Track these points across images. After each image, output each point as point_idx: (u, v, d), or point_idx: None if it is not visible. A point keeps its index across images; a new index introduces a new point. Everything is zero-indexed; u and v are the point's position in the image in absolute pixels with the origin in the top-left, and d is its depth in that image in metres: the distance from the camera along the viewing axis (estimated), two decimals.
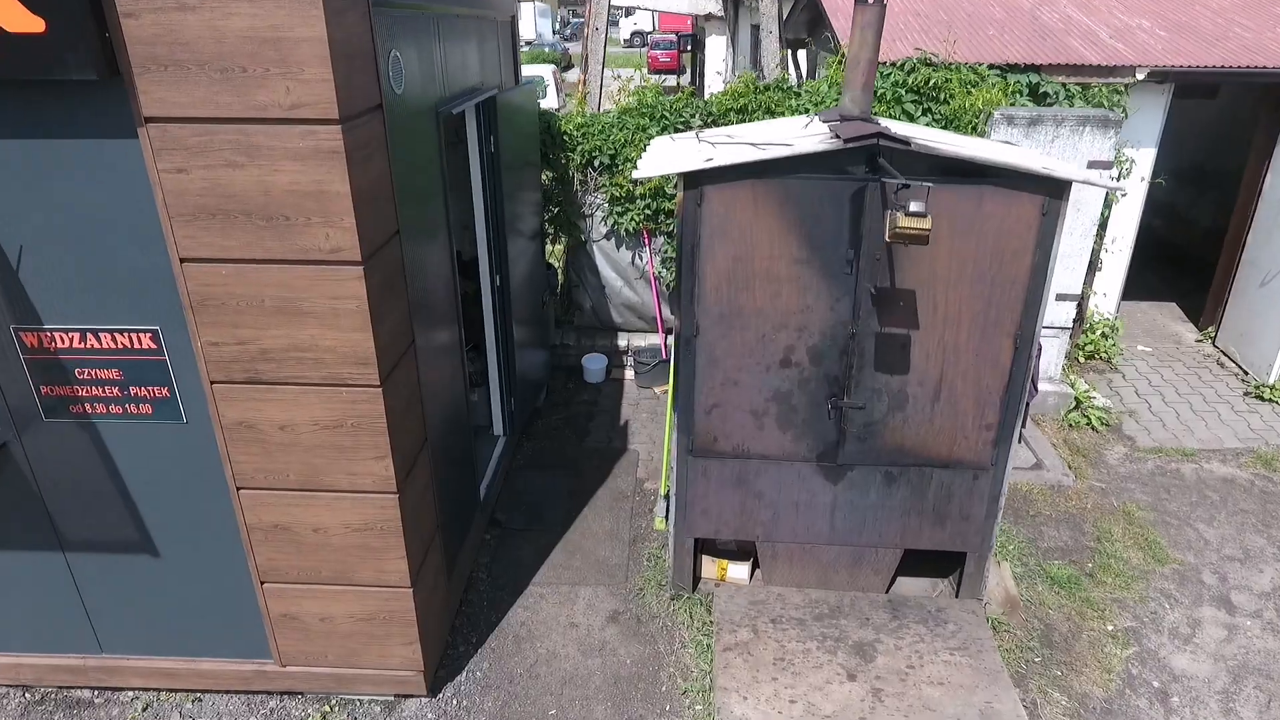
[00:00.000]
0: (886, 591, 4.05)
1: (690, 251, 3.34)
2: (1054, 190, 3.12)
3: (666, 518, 4.60)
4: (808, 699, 3.41)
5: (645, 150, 5.80)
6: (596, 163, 5.87)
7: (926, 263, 3.27)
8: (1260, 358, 6.09)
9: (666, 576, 4.22)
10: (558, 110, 6.04)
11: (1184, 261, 8.33)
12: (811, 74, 9.64)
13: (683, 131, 5.81)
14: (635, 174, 3.22)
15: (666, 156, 3.54)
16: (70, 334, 2.80)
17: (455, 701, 3.57)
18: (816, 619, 3.84)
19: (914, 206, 2.63)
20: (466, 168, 4.56)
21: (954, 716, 3.33)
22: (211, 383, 2.83)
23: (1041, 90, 5.52)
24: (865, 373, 3.49)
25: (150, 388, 2.90)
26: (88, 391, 2.90)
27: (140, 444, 2.99)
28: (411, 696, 3.56)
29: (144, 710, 3.52)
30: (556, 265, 6.57)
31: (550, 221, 6.10)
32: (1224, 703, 3.64)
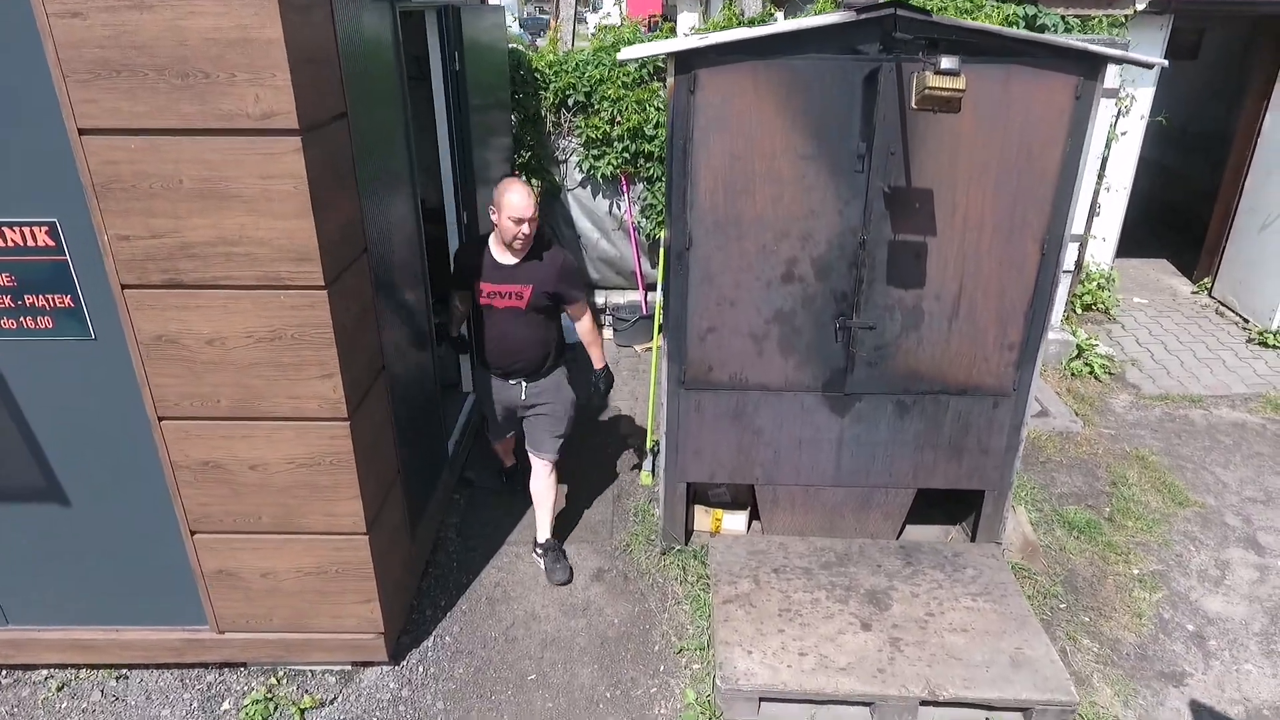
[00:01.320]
0: (897, 538, 3.71)
1: (682, 149, 2.95)
2: (1089, 70, 2.79)
3: (654, 471, 4.22)
4: (819, 650, 3.05)
5: (621, 89, 5.44)
6: (571, 102, 5.46)
7: (946, 157, 2.92)
8: (1262, 304, 5.88)
9: (656, 531, 3.83)
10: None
11: (1173, 219, 8.16)
12: None
13: (663, 70, 5.44)
14: (621, 55, 2.83)
15: (657, 44, 3.15)
16: None
17: (421, 669, 3.15)
18: (824, 567, 3.48)
19: (946, 63, 2.28)
20: (430, 112, 4.14)
21: (982, 664, 2.99)
22: (123, 287, 2.39)
23: (1040, 22, 5.23)
24: (876, 287, 3.13)
25: (49, 295, 2.44)
26: None
27: (40, 366, 2.53)
28: (371, 665, 3.13)
29: (59, 690, 3.04)
30: None
31: (521, 167, 5.67)
32: (1264, 644, 3.36)
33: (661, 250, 3.25)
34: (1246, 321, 6.03)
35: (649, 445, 4.32)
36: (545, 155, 5.67)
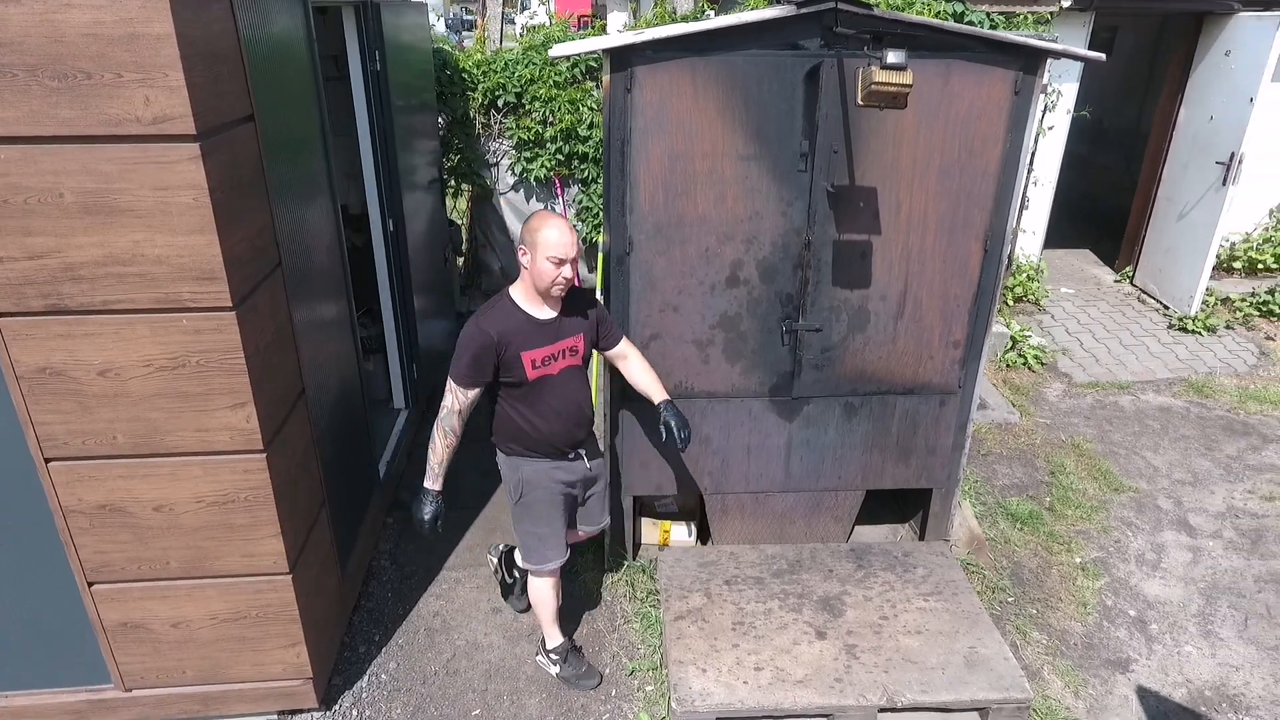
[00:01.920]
0: (847, 540, 3.66)
1: (619, 150, 2.82)
2: (1028, 64, 2.77)
3: None
4: (775, 664, 2.96)
5: (553, 88, 5.28)
6: (500, 103, 5.26)
7: (889, 155, 2.86)
8: (1180, 291, 6.09)
9: (601, 547, 3.69)
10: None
11: (1093, 211, 8.42)
12: None
13: (595, 68, 5.30)
14: (553, 52, 2.67)
15: (590, 40, 3.00)
16: None
17: (355, 713, 2.94)
18: (775, 576, 3.40)
19: (892, 57, 2.20)
20: (350, 115, 3.90)
21: (938, 666, 2.95)
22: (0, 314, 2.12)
23: (967, 19, 5.28)
24: (822, 289, 3.06)
25: None
26: None
27: None
28: (300, 712, 2.90)
29: None
30: (459, 222, 5.92)
31: (450, 171, 5.45)
32: (1202, 625, 3.43)
33: (600, 255, 3.11)
34: (1167, 308, 6.24)
35: None
36: (475, 158, 5.46)
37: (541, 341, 2.62)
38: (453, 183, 5.56)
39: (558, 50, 2.68)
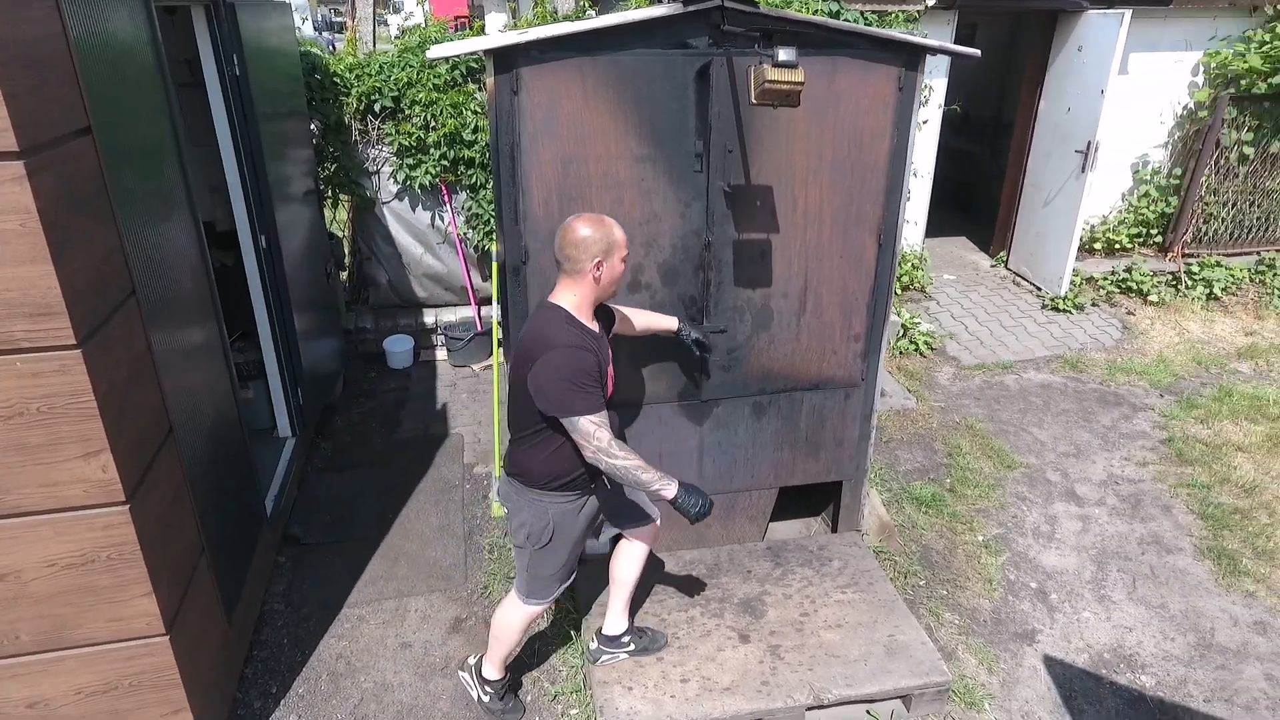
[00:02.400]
0: (763, 539, 3.65)
1: (509, 155, 2.69)
2: (909, 60, 2.82)
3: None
4: (701, 673, 2.91)
5: (434, 91, 5.06)
6: (377, 108, 5.00)
7: (783, 152, 2.85)
8: (1050, 273, 6.46)
9: (513, 565, 3.54)
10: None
11: (965, 199, 8.85)
12: None
13: (476, 70, 5.11)
14: (430, 53, 2.52)
15: (471, 40, 2.85)
16: None
17: None
18: (695, 581, 3.35)
19: (784, 55, 2.18)
20: (211, 121, 3.59)
21: (860, 658, 2.97)
22: None
23: (843, 17, 5.41)
24: (724, 289, 3.02)
25: None
26: None
27: None
28: None
29: None
30: (341, 234, 5.60)
31: (326, 181, 5.14)
32: (1095, 590, 3.61)
33: (495, 266, 2.96)
34: (1039, 289, 6.61)
35: (498, 473, 4.02)
36: (353, 166, 5.17)
37: (606, 353, 2.45)
38: (330, 193, 5.25)
39: (436, 51, 2.53)
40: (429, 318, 5.69)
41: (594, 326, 2.42)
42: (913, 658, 2.98)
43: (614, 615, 2.94)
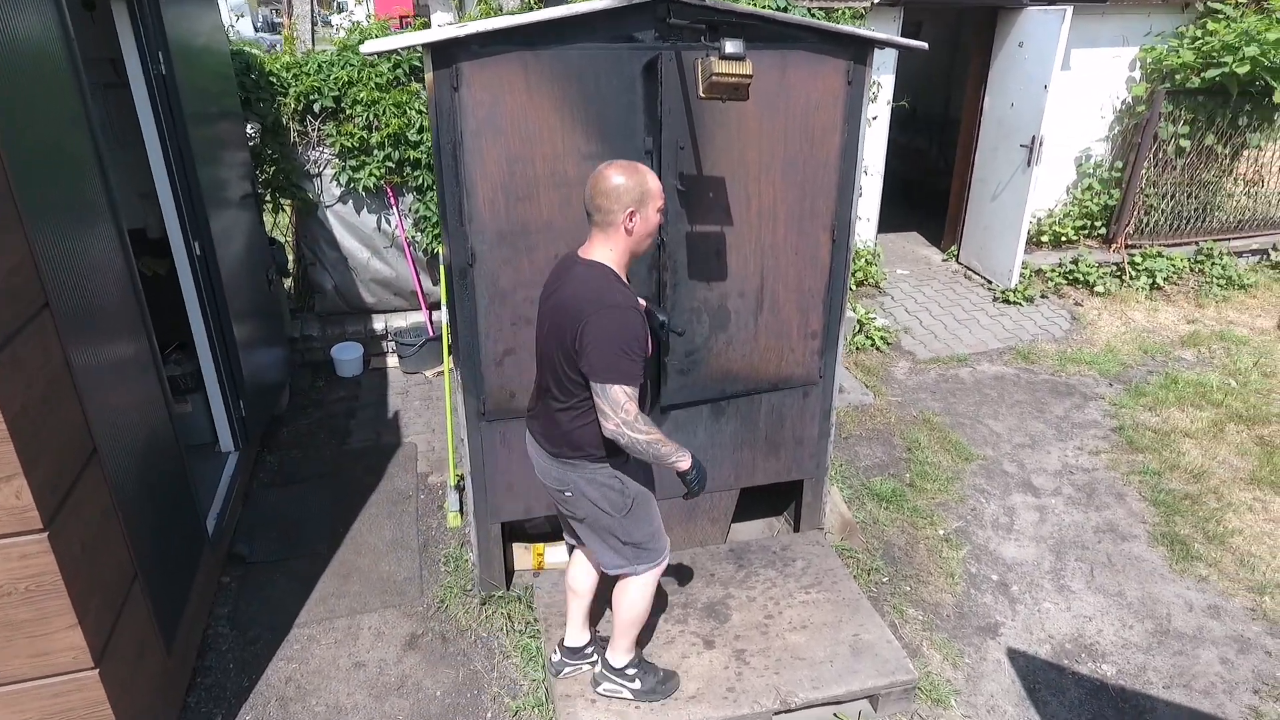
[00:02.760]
0: (725, 540, 3.60)
1: (451, 154, 2.59)
2: (858, 55, 2.79)
3: (461, 510, 3.81)
4: None
5: (376, 91, 4.92)
6: (317, 108, 4.83)
7: (735, 149, 2.80)
8: (999, 266, 6.55)
9: (472, 579, 3.44)
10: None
11: (914, 194, 8.95)
12: None
13: (420, 69, 4.98)
14: (365, 48, 2.41)
15: (409, 35, 2.75)
16: None
17: None
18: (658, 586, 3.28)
19: (730, 47, 2.12)
20: (137, 122, 3.42)
21: (826, 659, 2.94)
22: None
23: (791, 13, 5.40)
24: (680, 290, 2.96)
25: None
26: None
27: None
28: None
29: None
30: (283, 240, 5.40)
31: (265, 185, 4.96)
32: (1055, 580, 3.64)
33: (442, 268, 2.86)
34: (990, 283, 6.70)
35: (453, 482, 3.90)
36: (293, 169, 4.99)
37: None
38: (270, 197, 5.06)
39: (371, 46, 2.42)
40: (378, 324, 5.53)
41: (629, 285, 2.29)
42: (878, 657, 2.96)
43: (574, 627, 2.85)
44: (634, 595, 2.60)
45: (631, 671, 2.73)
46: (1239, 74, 6.04)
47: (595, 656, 2.84)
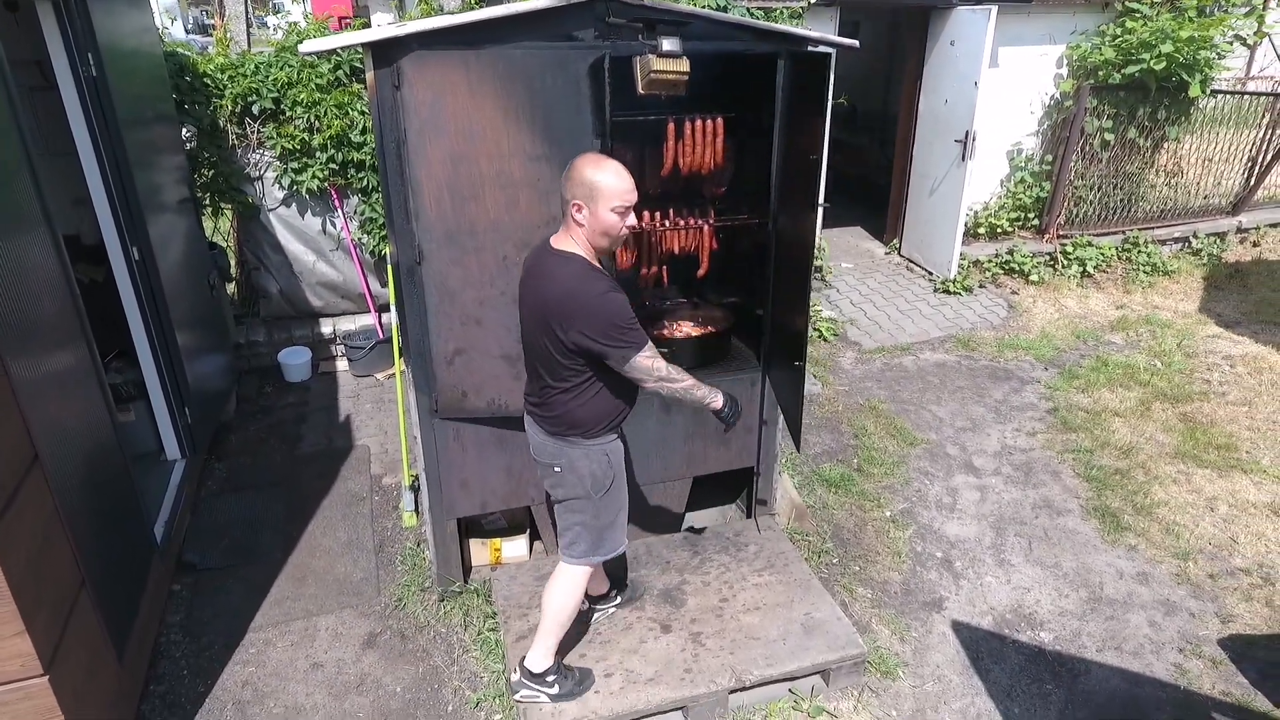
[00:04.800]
0: (680, 529, 3.68)
1: (395, 153, 2.61)
2: (793, 53, 2.88)
3: (417, 509, 3.82)
4: (624, 666, 2.90)
5: (316, 91, 4.87)
6: (256, 110, 4.77)
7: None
8: (939, 258, 6.76)
9: (429, 576, 3.45)
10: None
11: (857, 190, 9.17)
12: None
13: (361, 70, 4.95)
14: (304, 47, 2.42)
15: (349, 35, 2.75)
16: None
17: None
18: None
19: (667, 45, 2.20)
20: (68, 126, 3.35)
21: (779, 638, 3.03)
22: None
23: (731, 12, 5.51)
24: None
25: None
26: None
27: None
28: None
29: None
30: (225, 245, 5.32)
31: (204, 189, 4.87)
32: (995, 555, 3.79)
33: (390, 267, 2.87)
34: (931, 274, 6.92)
35: (408, 482, 3.90)
36: (233, 173, 4.92)
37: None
38: (210, 202, 4.97)
39: (309, 46, 2.43)
40: (326, 327, 5.48)
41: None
42: (829, 633, 3.06)
43: (538, 649, 2.73)
44: (565, 588, 2.65)
45: (551, 678, 2.74)
46: (1156, 70, 6.35)
47: (556, 686, 2.74)
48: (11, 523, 2.06)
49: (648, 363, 2.29)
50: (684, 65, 2.26)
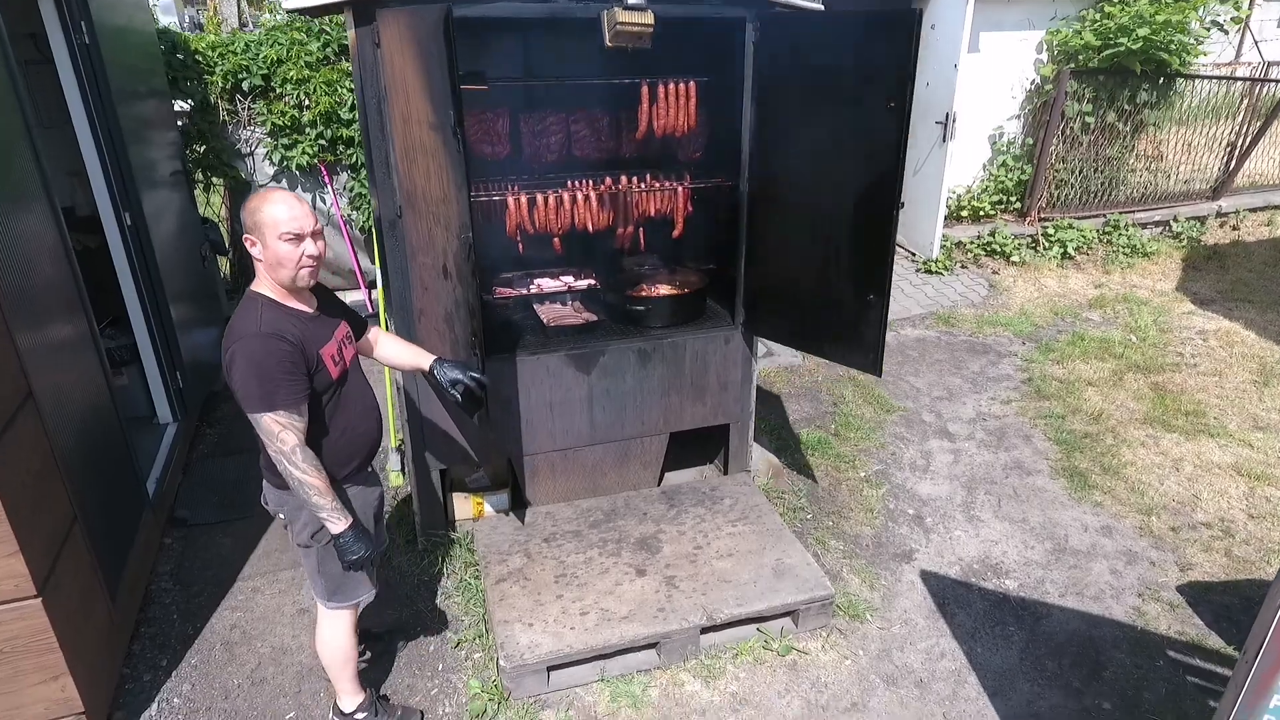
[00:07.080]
0: (659, 485, 3.78)
1: (376, 109, 2.72)
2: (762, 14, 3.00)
3: (403, 469, 3.92)
4: (600, 606, 3.00)
5: (306, 69, 4.98)
6: (246, 86, 4.88)
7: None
8: (923, 238, 6.88)
9: (414, 529, 3.55)
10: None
11: None
12: None
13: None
14: (287, 4, 2.52)
15: None
16: None
17: None
18: (593, 526, 3.45)
19: None
20: (63, 100, 3.45)
21: (750, 580, 3.13)
22: None
23: None
24: None
25: None
26: None
27: None
28: None
29: None
30: (217, 219, 5.42)
31: (196, 164, 4.98)
32: (966, 512, 3.90)
33: (373, 221, 2.98)
34: (914, 254, 7.03)
35: (394, 444, 4.01)
36: (224, 148, 5.03)
37: (325, 334, 2.22)
38: (202, 177, 5.08)
39: (293, 2, 2.54)
40: None
41: (304, 307, 2.20)
42: (799, 577, 3.16)
43: (339, 692, 2.61)
44: (326, 635, 2.48)
45: (361, 716, 2.58)
46: (1134, 49, 6.47)
47: None
48: (8, 446, 2.16)
49: (275, 427, 2.04)
50: (649, 18, 2.37)
